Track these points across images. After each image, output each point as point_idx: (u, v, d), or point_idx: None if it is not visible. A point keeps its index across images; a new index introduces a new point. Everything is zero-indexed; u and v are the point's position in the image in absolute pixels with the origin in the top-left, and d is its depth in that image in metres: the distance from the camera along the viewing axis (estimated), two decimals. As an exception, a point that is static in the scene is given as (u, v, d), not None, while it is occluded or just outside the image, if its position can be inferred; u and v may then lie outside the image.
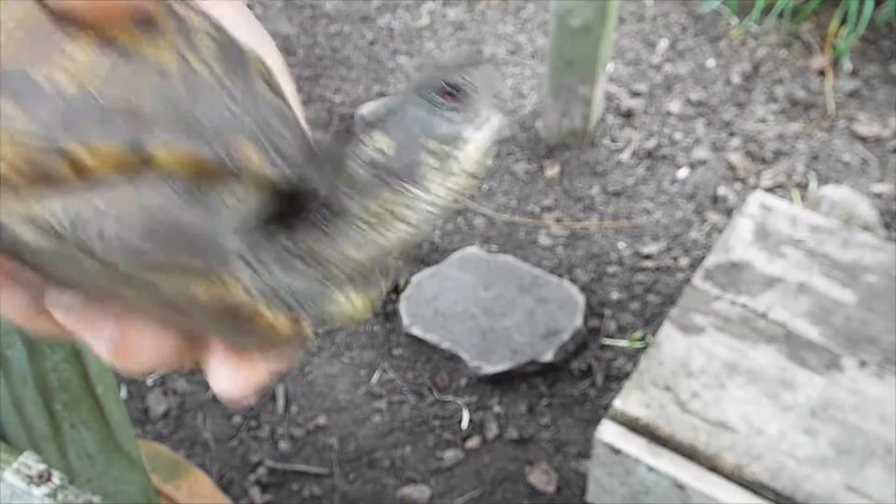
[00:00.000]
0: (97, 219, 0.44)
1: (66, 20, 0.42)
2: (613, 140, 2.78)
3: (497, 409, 2.12)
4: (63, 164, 0.42)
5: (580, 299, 2.26)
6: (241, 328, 0.48)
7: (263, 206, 0.51)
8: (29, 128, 0.41)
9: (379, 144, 0.50)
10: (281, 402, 2.13)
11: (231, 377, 0.48)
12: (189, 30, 0.47)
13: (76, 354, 1.04)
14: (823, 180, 2.63)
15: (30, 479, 0.84)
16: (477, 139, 0.51)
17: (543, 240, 2.50)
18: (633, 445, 1.61)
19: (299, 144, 0.51)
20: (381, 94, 2.97)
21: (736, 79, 2.96)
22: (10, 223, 0.43)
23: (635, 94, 2.93)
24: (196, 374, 2.21)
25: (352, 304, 0.54)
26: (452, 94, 0.51)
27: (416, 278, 2.34)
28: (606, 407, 2.06)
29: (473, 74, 0.52)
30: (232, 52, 0.49)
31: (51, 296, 0.46)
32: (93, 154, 0.42)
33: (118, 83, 0.43)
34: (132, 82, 0.44)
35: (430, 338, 2.20)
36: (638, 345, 2.21)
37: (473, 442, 2.06)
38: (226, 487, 1.98)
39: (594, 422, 2.01)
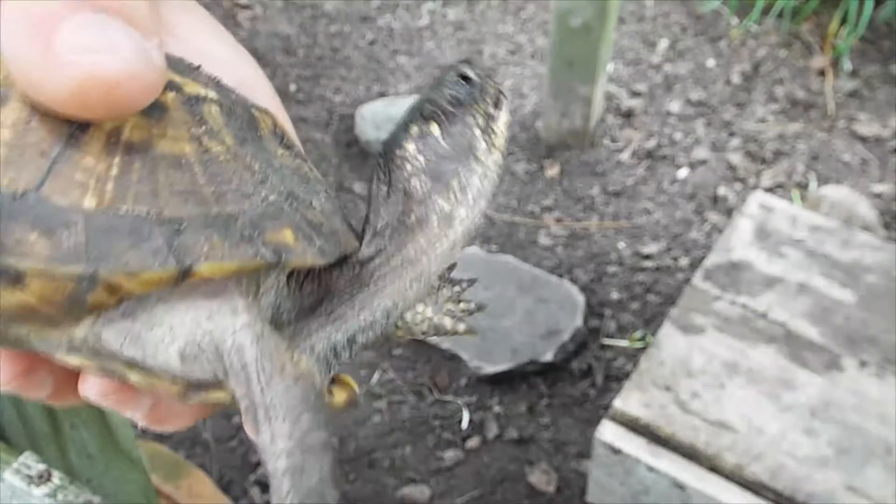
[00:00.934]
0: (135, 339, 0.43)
1: (67, 122, 0.40)
2: (613, 140, 2.78)
3: (497, 409, 2.11)
4: (97, 290, 0.40)
5: (580, 299, 2.26)
6: None
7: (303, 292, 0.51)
8: (54, 256, 0.39)
9: (427, 132, 0.51)
10: (281, 402, 2.13)
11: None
12: (194, 101, 0.45)
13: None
14: (823, 180, 2.63)
15: (30, 479, 0.84)
16: (503, 115, 0.53)
17: (543, 240, 2.50)
18: (633, 445, 1.61)
19: (327, 204, 0.50)
20: (381, 94, 2.97)
21: (736, 79, 2.96)
22: (52, 351, 0.43)
23: (635, 94, 2.93)
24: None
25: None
26: (469, 80, 0.52)
27: (416, 278, 2.34)
28: (606, 407, 2.06)
29: (476, 65, 0.54)
30: (239, 114, 0.47)
31: (87, 384, 0.46)
32: (130, 279, 0.40)
33: (138, 187, 0.41)
34: (151, 183, 0.41)
35: (430, 338, 2.20)
36: (638, 345, 2.21)
37: (473, 442, 2.06)
38: (226, 487, 1.97)
39: (594, 422, 2.01)
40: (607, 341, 2.23)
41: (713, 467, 1.56)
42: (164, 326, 0.43)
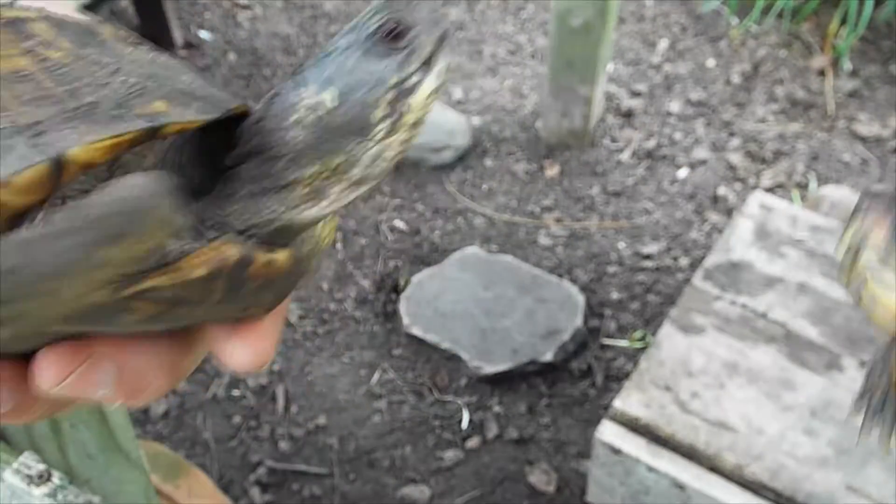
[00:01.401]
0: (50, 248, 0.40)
1: None
2: (613, 140, 2.78)
3: (497, 409, 2.12)
4: None
5: (580, 299, 2.26)
6: (232, 294, 0.45)
7: (194, 154, 0.48)
8: None
9: (322, 98, 0.46)
10: (281, 402, 2.13)
11: (246, 347, 0.46)
12: (16, 21, 0.44)
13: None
14: (823, 180, 2.63)
15: (30, 479, 0.84)
16: (425, 84, 0.47)
17: (543, 240, 2.50)
18: (633, 445, 1.61)
19: (199, 80, 0.48)
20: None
21: (736, 79, 2.96)
22: None
23: (635, 94, 2.93)
24: (195, 374, 2.21)
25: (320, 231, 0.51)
26: (396, 34, 0.47)
27: (416, 278, 2.34)
28: (606, 407, 2.06)
29: (418, 12, 0.48)
30: (71, 26, 0.46)
31: (40, 369, 0.42)
32: (4, 191, 0.39)
33: None
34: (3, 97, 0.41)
35: (430, 338, 2.20)
36: (638, 345, 2.21)
37: (473, 442, 2.06)
38: (226, 487, 1.97)
39: (594, 422, 2.01)
40: (607, 341, 2.23)
41: (713, 467, 1.57)
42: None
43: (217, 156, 0.49)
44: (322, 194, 0.47)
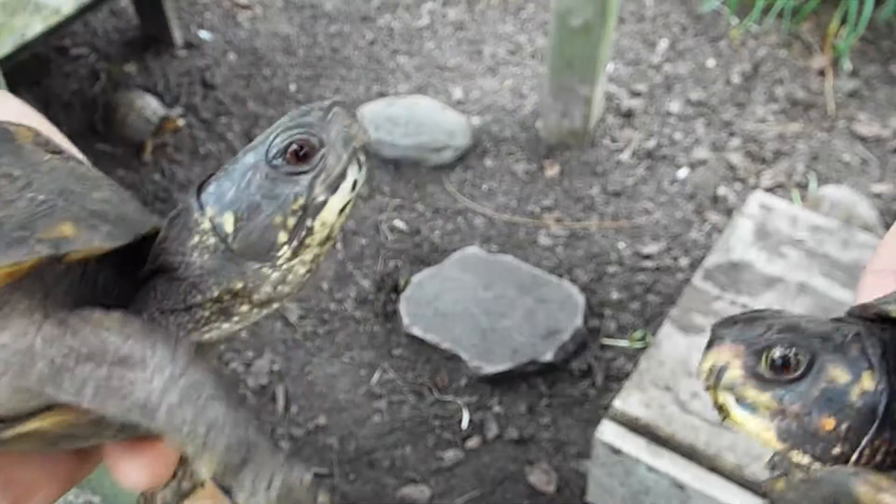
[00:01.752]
0: None
1: None
2: (613, 140, 2.78)
3: (497, 409, 2.12)
4: None
5: (580, 299, 2.26)
6: (130, 428, 0.43)
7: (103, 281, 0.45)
8: None
9: (220, 222, 0.44)
10: (281, 402, 2.13)
11: (142, 468, 0.45)
12: None
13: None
14: (823, 180, 2.63)
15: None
16: (333, 201, 0.45)
17: (543, 240, 2.50)
18: (633, 445, 1.61)
19: (113, 196, 0.46)
20: (381, 94, 2.97)
21: (736, 79, 2.96)
22: None
23: (635, 94, 2.93)
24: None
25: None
26: (303, 154, 0.44)
27: (416, 278, 2.34)
28: (606, 407, 2.06)
29: (328, 129, 0.45)
30: None
31: None
32: None
33: None
34: None
35: (430, 338, 2.20)
36: (638, 345, 2.21)
37: (473, 442, 2.06)
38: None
39: (594, 422, 2.01)
40: (607, 341, 2.23)
41: (713, 467, 1.56)
42: None
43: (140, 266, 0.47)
44: (228, 314, 0.46)
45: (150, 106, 2.75)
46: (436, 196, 2.62)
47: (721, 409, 0.47)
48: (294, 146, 0.44)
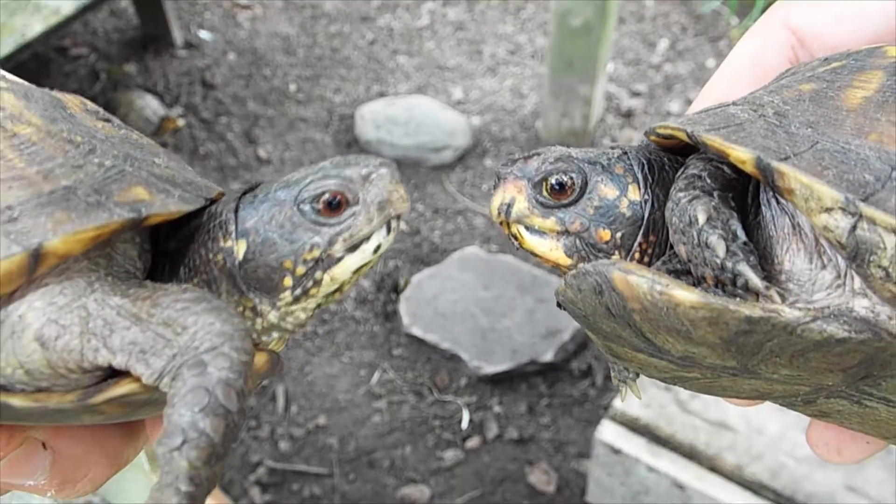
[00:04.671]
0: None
1: None
2: (613, 140, 2.78)
3: (497, 409, 2.12)
4: None
5: (580, 299, 2.26)
6: None
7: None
8: None
9: (233, 247, 0.44)
10: (281, 402, 2.13)
11: None
12: None
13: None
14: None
15: (30, 479, 0.84)
16: (350, 260, 0.44)
17: (543, 240, 2.50)
18: (633, 445, 1.61)
19: (172, 162, 0.46)
20: (381, 94, 2.97)
21: (736, 79, 2.96)
22: None
23: (635, 94, 2.93)
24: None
25: None
26: (333, 204, 0.44)
27: (416, 278, 2.34)
28: (606, 407, 2.06)
29: (369, 188, 0.45)
30: (38, 97, 0.44)
31: None
32: None
33: None
34: None
35: (430, 338, 2.20)
36: (638, 345, 2.21)
37: (473, 442, 2.06)
38: (226, 487, 1.97)
39: (594, 422, 2.01)
40: (607, 341, 2.23)
41: (713, 467, 1.56)
42: (14, 317, 0.40)
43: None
44: (255, 314, 0.46)
45: (150, 106, 2.76)
46: (436, 196, 2.62)
47: (515, 238, 0.52)
48: (326, 196, 0.44)
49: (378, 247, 0.45)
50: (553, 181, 0.50)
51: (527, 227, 0.51)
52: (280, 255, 0.43)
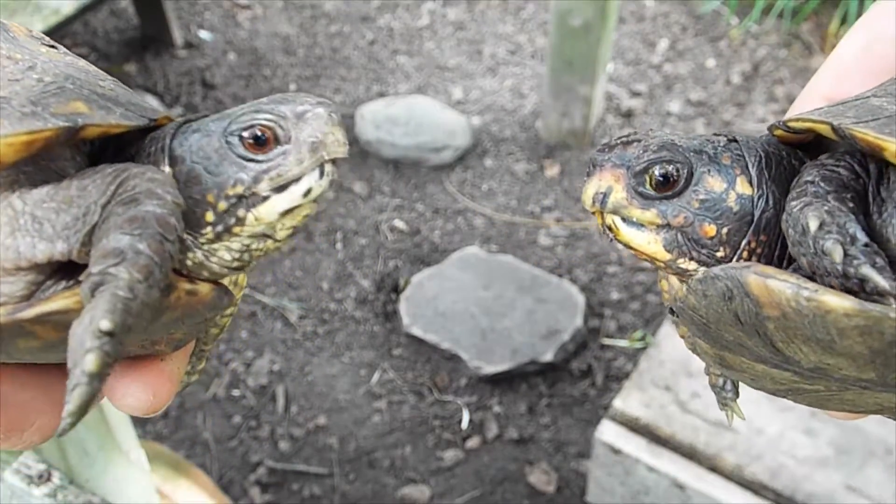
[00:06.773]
0: None
1: None
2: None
3: (497, 409, 2.11)
4: None
5: (580, 299, 2.26)
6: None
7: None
8: None
9: (165, 170, 0.42)
10: (281, 402, 2.13)
11: (143, 387, 0.42)
12: None
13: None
14: (823, 180, 2.63)
15: (30, 479, 0.84)
16: (276, 201, 0.42)
17: (543, 240, 2.50)
18: (633, 445, 1.61)
19: (118, 88, 0.45)
20: (381, 94, 2.97)
21: (736, 79, 2.96)
22: None
23: (635, 94, 2.93)
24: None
25: None
26: (260, 140, 0.42)
27: (416, 278, 2.34)
28: (606, 407, 2.06)
29: (305, 121, 0.43)
30: None
31: None
32: None
33: None
34: None
35: (430, 338, 2.20)
36: (638, 345, 2.21)
37: (473, 442, 2.06)
38: (226, 487, 1.97)
39: (594, 422, 2.01)
40: (607, 341, 2.23)
41: (713, 467, 1.56)
42: None
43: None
44: (185, 248, 0.43)
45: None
46: (436, 196, 2.62)
47: (609, 230, 0.49)
48: (255, 131, 0.42)
49: (309, 191, 0.42)
50: (658, 172, 0.47)
51: (623, 219, 0.48)
52: (203, 187, 0.42)
